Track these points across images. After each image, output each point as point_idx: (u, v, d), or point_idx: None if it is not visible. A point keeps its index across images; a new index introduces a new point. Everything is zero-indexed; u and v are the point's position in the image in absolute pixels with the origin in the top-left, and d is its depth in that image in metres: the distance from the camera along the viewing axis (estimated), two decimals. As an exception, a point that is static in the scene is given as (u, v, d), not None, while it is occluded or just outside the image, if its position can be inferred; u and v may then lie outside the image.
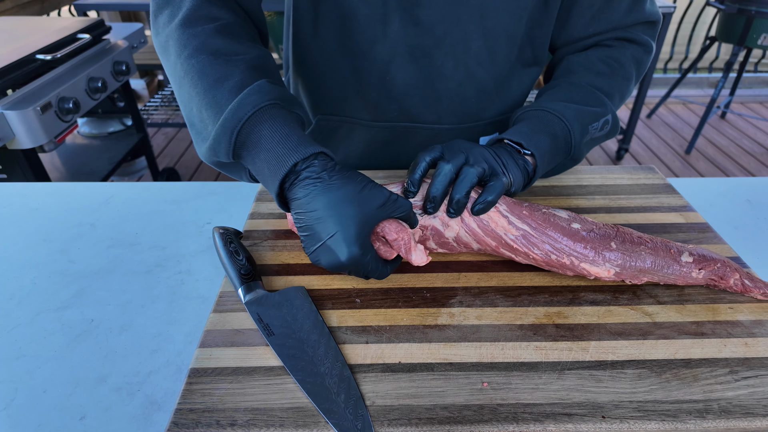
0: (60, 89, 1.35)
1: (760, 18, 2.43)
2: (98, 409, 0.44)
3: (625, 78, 0.69)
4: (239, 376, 0.43)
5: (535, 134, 0.58)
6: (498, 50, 0.67)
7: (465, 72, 0.68)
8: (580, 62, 0.69)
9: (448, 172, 0.51)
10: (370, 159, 0.79)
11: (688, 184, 0.78)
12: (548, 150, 0.59)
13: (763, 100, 3.53)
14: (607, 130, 0.65)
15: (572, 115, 0.61)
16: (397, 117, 0.73)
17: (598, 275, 0.52)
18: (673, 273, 0.51)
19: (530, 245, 0.52)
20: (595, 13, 0.68)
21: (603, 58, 0.69)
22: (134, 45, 1.86)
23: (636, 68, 0.70)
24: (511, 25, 0.65)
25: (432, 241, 0.55)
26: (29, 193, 0.76)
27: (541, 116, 0.61)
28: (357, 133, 0.76)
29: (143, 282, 0.59)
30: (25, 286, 0.58)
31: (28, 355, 0.50)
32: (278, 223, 0.64)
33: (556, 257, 0.52)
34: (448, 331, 0.48)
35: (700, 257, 0.52)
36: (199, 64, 0.50)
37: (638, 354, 0.46)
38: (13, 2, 2.17)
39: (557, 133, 0.60)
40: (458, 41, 0.65)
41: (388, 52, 0.67)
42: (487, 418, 0.40)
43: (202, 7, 0.53)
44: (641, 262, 0.51)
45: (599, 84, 0.66)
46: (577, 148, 0.62)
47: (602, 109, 0.64)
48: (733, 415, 0.40)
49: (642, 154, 2.89)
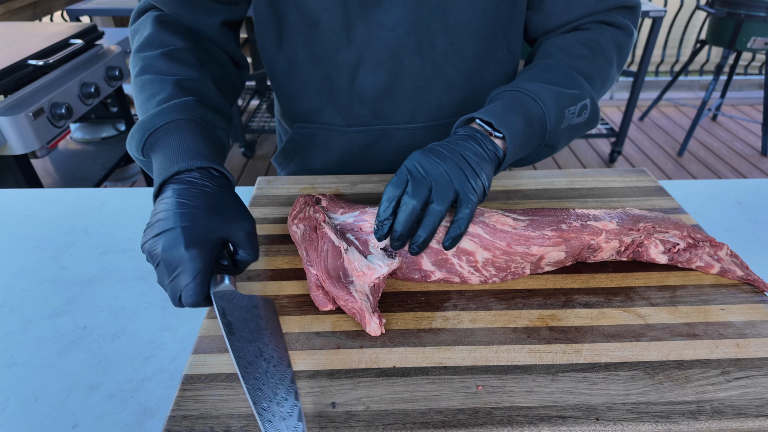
0: (52, 95, 1.35)
1: (750, 21, 2.46)
2: (91, 417, 0.44)
3: (606, 61, 0.66)
4: (233, 383, 0.43)
5: (507, 114, 0.55)
6: (464, 46, 0.67)
7: (432, 70, 0.68)
8: (558, 45, 0.67)
9: (413, 210, 0.48)
10: (350, 165, 0.80)
11: (679, 186, 0.78)
12: (521, 133, 0.55)
13: (753, 102, 3.57)
14: (586, 116, 0.62)
15: (549, 97, 0.57)
16: (371, 120, 0.73)
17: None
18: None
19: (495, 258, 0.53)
20: (569, 1, 0.66)
21: (582, 41, 0.66)
22: (127, 50, 1.85)
23: (617, 51, 0.68)
24: (475, 20, 0.65)
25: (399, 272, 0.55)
26: (21, 199, 0.76)
27: (516, 97, 0.57)
28: (334, 139, 0.77)
29: (136, 288, 0.58)
30: (17, 294, 0.58)
31: (20, 363, 0.49)
32: (272, 228, 0.64)
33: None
34: (443, 335, 0.48)
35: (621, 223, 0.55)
36: (140, 82, 0.56)
37: (631, 356, 0.46)
38: (5, 8, 2.16)
39: (532, 116, 0.56)
40: (422, 39, 0.66)
41: (354, 57, 0.67)
42: (481, 421, 0.40)
43: (156, 35, 0.60)
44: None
45: (579, 66, 0.63)
46: (553, 133, 0.59)
47: (580, 91, 0.61)
48: (726, 416, 0.40)
49: (635, 157, 2.91)
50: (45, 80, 1.39)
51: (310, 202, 0.60)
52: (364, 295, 0.49)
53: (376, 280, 0.50)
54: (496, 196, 0.71)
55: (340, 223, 0.57)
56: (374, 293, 0.50)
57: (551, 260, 0.55)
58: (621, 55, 0.69)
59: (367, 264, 0.50)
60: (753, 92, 3.61)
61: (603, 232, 0.55)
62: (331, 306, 0.51)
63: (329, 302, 0.51)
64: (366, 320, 0.48)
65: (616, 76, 0.70)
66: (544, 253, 0.54)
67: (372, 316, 0.48)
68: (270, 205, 0.69)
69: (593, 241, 0.55)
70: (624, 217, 0.57)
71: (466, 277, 0.54)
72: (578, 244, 0.54)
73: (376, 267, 0.49)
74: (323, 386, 0.43)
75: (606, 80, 0.67)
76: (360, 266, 0.50)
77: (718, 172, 2.75)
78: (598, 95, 0.65)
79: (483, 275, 0.54)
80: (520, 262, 0.54)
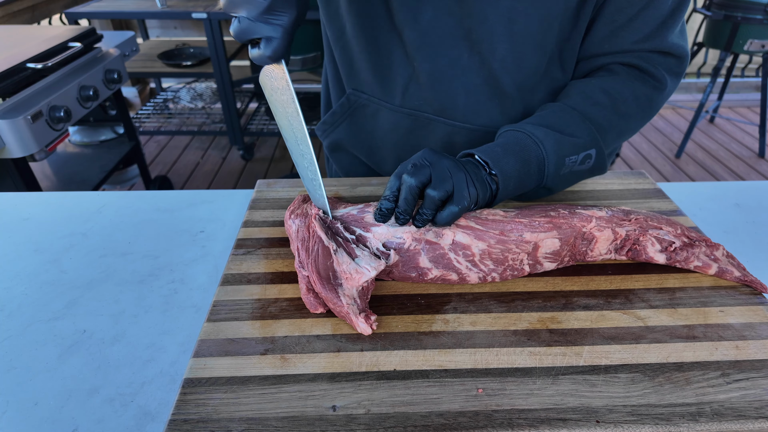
0: (51, 98, 1.34)
1: (746, 24, 2.47)
2: (91, 421, 0.44)
3: (626, 115, 0.65)
4: (234, 386, 0.43)
5: (505, 155, 0.57)
6: (525, 58, 0.66)
7: (489, 74, 0.68)
8: (579, 88, 0.67)
9: (410, 187, 0.52)
10: (389, 146, 0.79)
11: (678, 188, 0.78)
12: (514, 175, 0.57)
13: (750, 104, 3.59)
14: (590, 165, 0.63)
15: (551, 144, 0.59)
16: (422, 106, 0.73)
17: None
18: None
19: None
20: (615, 30, 0.64)
21: (604, 89, 0.65)
22: (126, 53, 1.85)
23: (644, 105, 0.66)
24: (539, 32, 0.64)
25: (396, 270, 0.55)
26: (20, 202, 0.76)
27: (520, 139, 0.60)
28: (383, 115, 0.77)
29: (136, 292, 0.58)
30: (16, 297, 0.58)
31: (19, 367, 0.49)
32: (272, 231, 0.64)
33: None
34: (443, 338, 0.48)
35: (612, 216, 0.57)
36: None
37: (631, 358, 0.46)
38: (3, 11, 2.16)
39: (530, 159, 0.58)
40: (484, 40, 0.65)
41: (418, 38, 0.67)
42: (482, 424, 0.40)
43: None
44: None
45: (593, 114, 0.63)
46: (551, 177, 0.60)
47: (586, 141, 0.61)
48: (726, 418, 0.41)
49: (633, 159, 2.92)
50: (43, 83, 1.39)
51: (308, 199, 0.60)
52: (351, 299, 0.49)
53: (365, 283, 0.50)
54: (495, 198, 0.71)
55: (342, 215, 0.57)
56: (362, 296, 0.50)
57: (547, 250, 0.55)
58: (650, 111, 0.68)
59: (355, 267, 0.50)
60: (750, 94, 3.62)
61: (593, 219, 0.56)
62: (322, 309, 0.51)
63: (320, 305, 0.51)
64: (354, 323, 0.48)
65: (637, 130, 0.69)
66: (538, 240, 0.54)
67: (358, 317, 0.48)
68: (269, 208, 0.69)
69: (585, 228, 0.55)
70: (614, 210, 0.58)
71: (464, 273, 0.54)
72: (570, 230, 0.55)
73: (363, 271, 0.50)
74: (324, 389, 0.43)
75: (622, 132, 0.66)
76: (348, 269, 0.50)
77: (716, 173, 2.76)
78: (609, 146, 0.65)
79: (481, 270, 0.54)
80: (516, 252, 0.54)
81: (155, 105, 2.95)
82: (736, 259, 0.58)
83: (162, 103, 2.96)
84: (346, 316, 0.49)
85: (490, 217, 0.55)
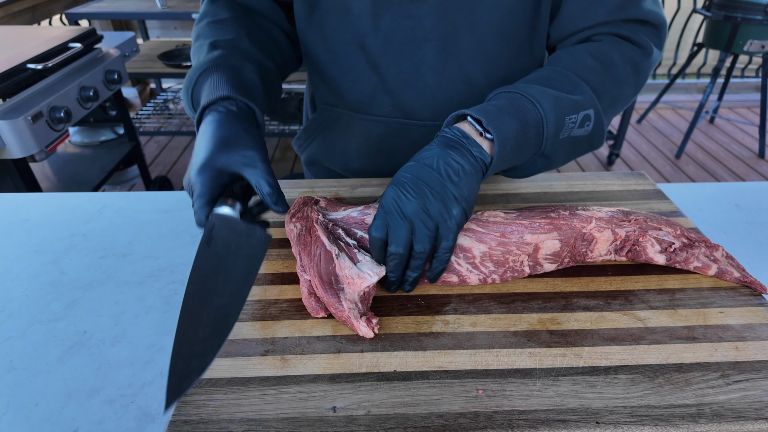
0: (51, 98, 1.34)
1: (746, 24, 2.47)
2: (91, 422, 0.44)
3: (617, 79, 0.62)
4: (234, 387, 0.43)
5: (501, 114, 0.52)
6: (489, 47, 0.66)
7: (456, 67, 0.68)
8: (566, 54, 0.63)
9: (401, 258, 0.50)
10: (367, 156, 0.79)
11: (678, 189, 0.79)
12: (512, 136, 0.52)
13: (750, 105, 3.59)
14: (589, 129, 0.59)
15: (548, 101, 0.54)
16: (392, 112, 0.73)
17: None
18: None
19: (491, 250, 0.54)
20: (585, 5, 0.63)
21: (593, 52, 0.62)
22: (126, 54, 1.85)
23: (633, 70, 0.63)
24: (501, 21, 0.64)
25: None
26: (20, 203, 0.76)
27: (514, 98, 0.54)
28: (355, 126, 0.77)
29: (136, 292, 0.58)
30: (17, 298, 0.58)
31: (20, 368, 0.49)
32: (271, 232, 0.64)
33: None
34: (443, 339, 0.48)
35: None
36: (194, 48, 0.65)
37: (631, 359, 0.46)
38: (3, 11, 2.16)
39: (528, 120, 0.53)
40: (447, 35, 0.65)
41: (380, 45, 0.67)
42: (482, 425, 0.40)
43: (209, 9, 0.68)
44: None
45: (586, 76, 0.59)
46: (551, 141, 0.55)
47: (584, 99, 0.57)
48: (725, 419, 0.41)
49: (633, 159, 2.92)
50: (44, 84, 1.39)
51: (308, 202, 0.60)
52: (353, 303, 0.49)
53: (366, 288, 0.50)
54: (494, 199, 0.71)
55: (342, 217, 0.57)
56: (364, 300, 0.50)
57: (548, 252, 0.55)
58: (637, 75, 0.64)
59: (357, 272, 0.50)
60: (750, 95, 3.63)
61: (593, 220, 0.56)
62: (324, 314, 0.51)
63: (321, 310, 0.51)
64: (356, 326, 0.48)
65: (630, 98, 0.65)
66: (539, 242, 0.54)
67: (359, 321, 0.48)
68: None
69: (585, 229, 0.55)
70: (614, 211, 0.58)
71: (465, 275, 0.54)
72: (570, 231, 0.55)
73: (366, 276, 0.50)
74: (324, 390, 0.43)
75: (616, 100, 0.62)
76: (350, 274, 0.50)
77: (716, 174, 2.76)
78: (605, 114, 0.61)
79: (481, 272, 0.54)
80: (517, 254, 0.54)
81: (155, 105, 2.95)
82: (736, 260, 0.58)
83: (162, 104, 2.95)
84: (347, 321, 0.49)
85: (491, 219, 0.55)
